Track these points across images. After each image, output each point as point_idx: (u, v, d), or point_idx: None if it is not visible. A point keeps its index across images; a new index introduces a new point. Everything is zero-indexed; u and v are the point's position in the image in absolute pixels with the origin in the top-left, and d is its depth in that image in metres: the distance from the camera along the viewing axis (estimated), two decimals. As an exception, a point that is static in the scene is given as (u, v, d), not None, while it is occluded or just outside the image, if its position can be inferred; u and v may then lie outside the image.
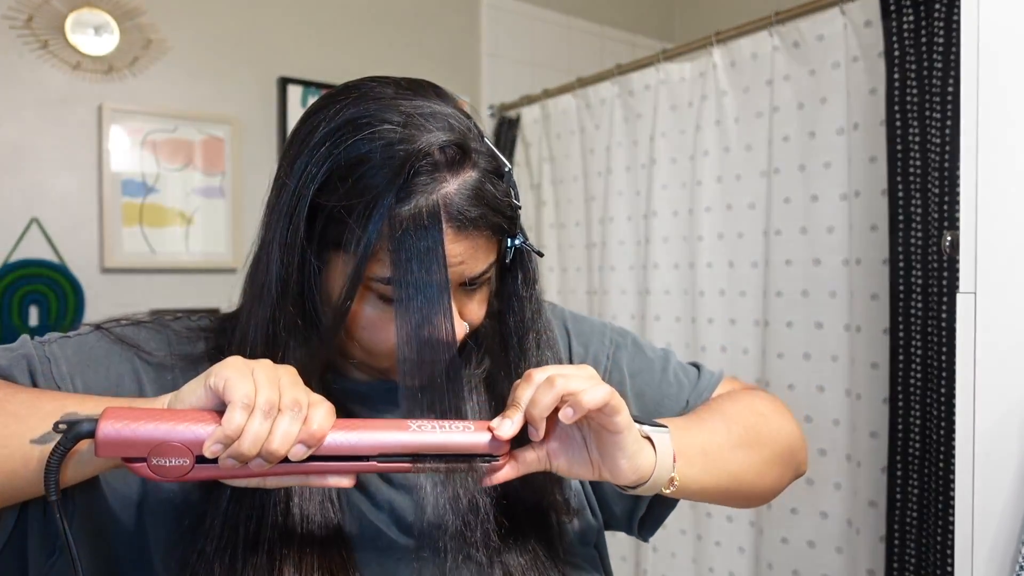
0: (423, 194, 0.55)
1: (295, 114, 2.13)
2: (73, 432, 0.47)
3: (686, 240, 1.97)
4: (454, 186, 0.56)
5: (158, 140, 1.93)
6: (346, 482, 0.53)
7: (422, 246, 0.54)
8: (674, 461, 0.61)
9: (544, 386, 0.55)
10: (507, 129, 2.51)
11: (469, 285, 0.61)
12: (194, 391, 0.50)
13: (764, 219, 1.78)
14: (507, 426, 0.54)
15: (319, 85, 2.16)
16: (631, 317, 2.12)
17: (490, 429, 0.55)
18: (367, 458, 0.53)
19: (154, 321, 0.69)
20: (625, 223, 2.14)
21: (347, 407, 0.65)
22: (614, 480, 0.59)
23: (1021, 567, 0.79)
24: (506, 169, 0.61)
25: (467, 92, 2.50)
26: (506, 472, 0.57)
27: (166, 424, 0.48)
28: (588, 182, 2.27)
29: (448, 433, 0.54)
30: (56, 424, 0.48)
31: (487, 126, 2.54)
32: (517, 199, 0.62)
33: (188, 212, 1.98)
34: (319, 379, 0.61)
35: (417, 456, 0.54)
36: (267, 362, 0.52)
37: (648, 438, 0.60)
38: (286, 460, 0.50)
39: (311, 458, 0.51)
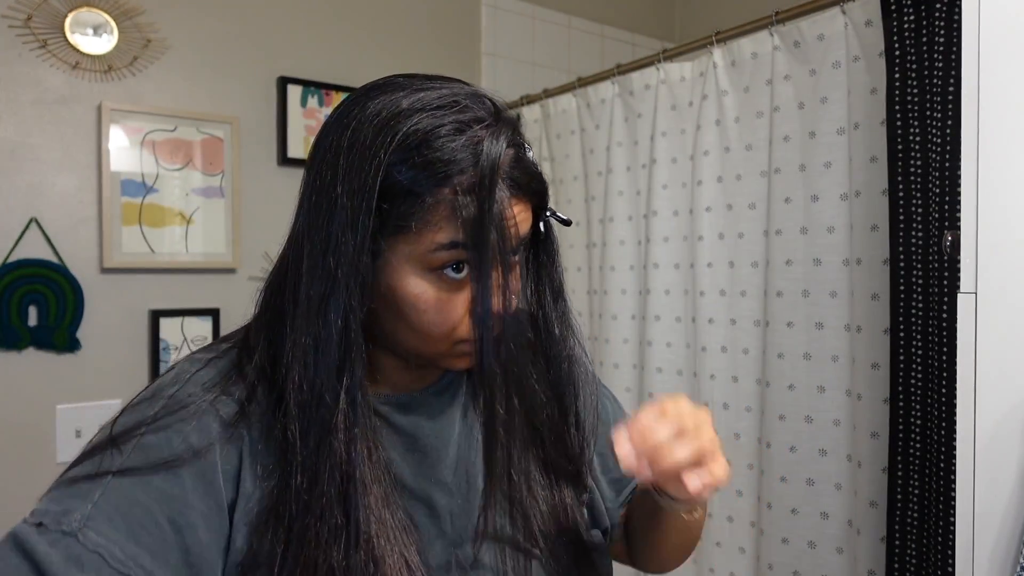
0: (481, 161, 0.58)
1: (295, 114, 2.12)
2: None
3: (686, 240, 1.97)
4: (506, 155, 0.60)
5: (157, 140, 1.93)
6: None
7: (487, 208, 0.57)
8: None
9: (692, 467, 0.59)
10: (507, 129, 2.51)
11: (513, 253, 0.63)
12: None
13: (764, 219, 1.78)
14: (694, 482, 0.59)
15: (319, 85, 2.16)
16: (631, 317, 2.12)
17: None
18: None
19: (169, 397, 0.61)
20: (625, 223, 2.13)
21: (392, 421, 0.68)
22: (673, 495, 0.63)
23: (1022, 567, 0.78)
24: (530, 147, 0.65)
25: (467, 92, 2.50)
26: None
27: None
28: (588, 182, 2.26)
29: None
30: None
31: (487, 126, 2.55)
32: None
33: (188, 212, 1.98)
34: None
35: None
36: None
37: None
38: None
39: None
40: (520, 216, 0.61)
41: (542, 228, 0.67)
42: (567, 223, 0.69)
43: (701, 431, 0.59)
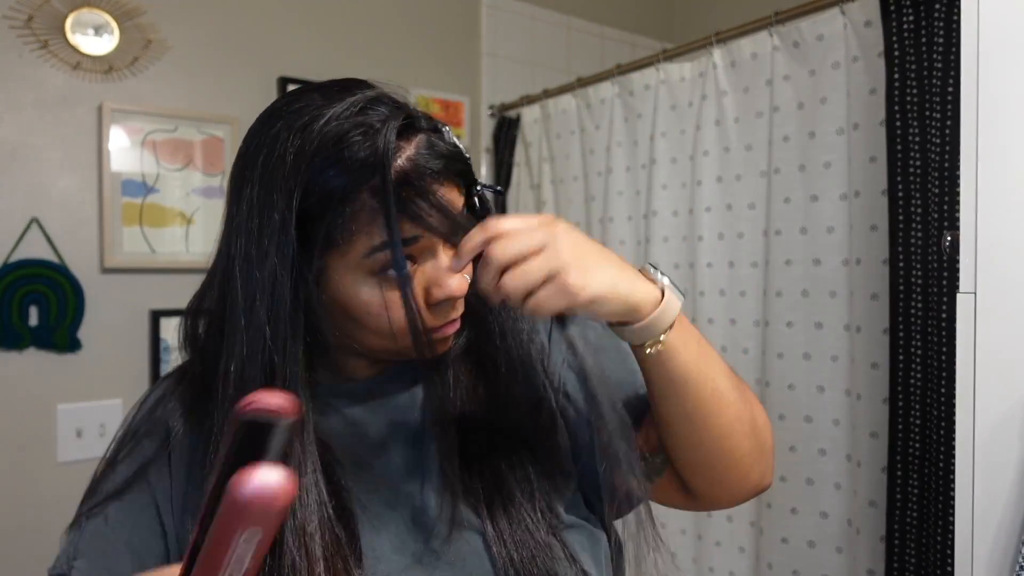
0: (390, 165, 0.58)
1: (295, 114, 2.12)
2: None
3: (686, 240, 1.97)
4: (411, 150, 0.60)
5: (158, 140, 1.94)
6: None
7: (404, 206, 0.58)
8: (669, 329, 0.61)
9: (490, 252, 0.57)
10: (507, 129, 2.51)
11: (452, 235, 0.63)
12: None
13: (764, 219, 1.78)
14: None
15: (319, 85, 2.16)
16: (631, 317, 2.12)
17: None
18: None
19: (123, 430, 0.72)
20: (625, 223, 2.14)
21: (345, 412, 0.67)
22: (600, 319, 0.60)
23: (1021, 567, 0.79)
24: (444, 127, 0.65)
25: (467, 92, 2.50)
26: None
27: None
28: (588, 182, 2.27)
29: None
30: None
31: (487, 126, 2.55)
32: (465, 150, 0.66)
33: (188, 212, 1.98)
34: (312, 389, 0.62)
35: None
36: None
37: (661, 288, 0.61)
38: None
39: None
40: (447, 198, 0.61)
41: (477, 204, 0.67)
42: (498, 192, 0.70)
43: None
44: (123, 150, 1.89)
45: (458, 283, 0.62)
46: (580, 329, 0.71)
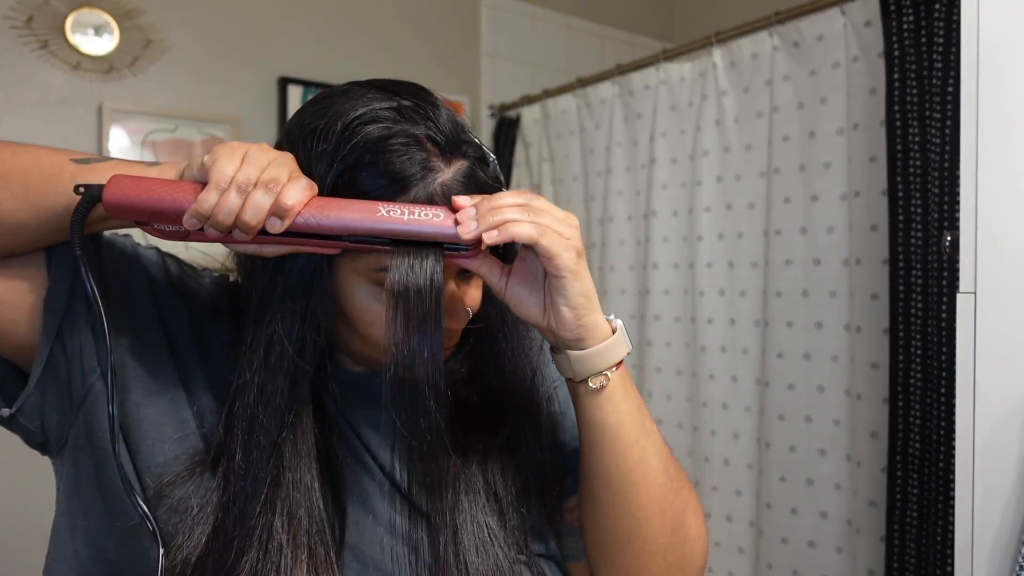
0: (421, 184, 0.57)
1: (295, 114, 2.13)
2: (88, 194, 0.54)
3: (686, 240, 1.97)
4: (449, 174, 0.58)
5: (158, 140, 1.94)
6: (332, 250, 0.57)
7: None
8: (616, 367, 0.61)
9: (517, 210, 0.55)
10: (507, 129, 2.51)
11: (466, 272, 0.63)
12: (195, 165, 0.55)
13: (764, 219, 1.78)
14: (471, 225, 0.55)
15: (319, 85, 2.16)
16: (631, 317, 2.12)
17: (456, 221, 0.55)
18: (341, 238, 0.55)
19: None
20: (625, 223, 2.14)
21: (340, 399, 0.66)
22: (556, 328, 0.59)
23: (1021, 567, 0.79)
24: (491, 159, 0.63)
25: (467, 92, 2.50)
26: (469, 263, 0.58)
27: (159, 196, 0.54)
28: (588, 182, 2.27)
29: (417, 219, 0.55)
30: (76, 187, 0.54)
31: (487, 126, 2.55)
32: (504, 187, 0.64)
33: (188, 212, 1.98)
34: (308, 367, 0.61)
35: (393, 240, 0.56)
36: (263, 145, 0.56)
37: (613, 328, 0.62)
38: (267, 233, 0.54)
39: (290, 234, 0.55)
40: None
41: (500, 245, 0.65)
42: None
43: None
44: (123, 150, 1.89)
45: (456, 317, 0.62)
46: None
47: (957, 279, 0.86)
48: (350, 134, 0.57)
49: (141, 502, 0.56)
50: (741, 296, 1.84)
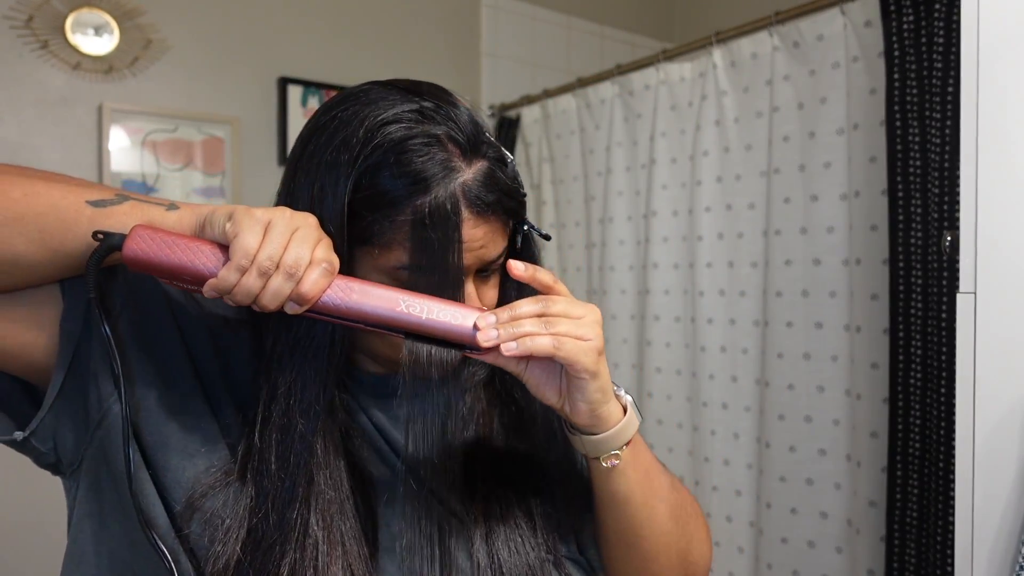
0: (442, 184, 0.57)
1: (295, 114, 2.13)
2: (106, 244, 0.53)
3: (686, 240, 1.97)
4: (470, 174, 0.59)
5: (158, 140, 1.94)
6: (348, 325, 0.57)
7: (440, 233, 0.57)
8: (627, 445, 0.63)
9: (536, 321, 0.57)
10: (507, 129, 2.51)
11: (483, 272, 0.63)
12: (217, 224, 0.53)
13: (764, 219, 1.78)
14: (491, 334, 0.56)
15: (319, 85, 2.16)
16: (631, 317, 2.13)
17: (476, 327, 0.56)
18: (358, 322, 0.56)
19: None
20: (625, 223, 2.14)
21: (361, 399, 0.67)
22: (571, 415, 0.61)
23: (1021, 567, 0.79)
24: (509, 159, 0.64)
25: (467, 92, 2.49)
26: (484, 357, 0.59)
27: (179, 261, 0.53)
28: (588, 182, 2.27)
29: (434, 319, 0.56)
30: (94, 233, 0.53)
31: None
32: (522, 187, 0.65)
33: (188, 212, 1.98)
34: (336, 372, 0.62)
35: (407, 333, 0.57)
36: (286, 212, 0.54)
37: (623, 406, 0.63)
38: None
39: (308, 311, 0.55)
40: (487, 238, 0.61)
41: (519, 242, 0.66)
42: (546, 238, 0.68)
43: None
44: (123, 150, 1.89)
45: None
46: None
47: (957, 279, 0.86)
48: (371, 136, 0.58)
49: (159, 542, 0.56)
50: (741, 296, 1.84)
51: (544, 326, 0.56)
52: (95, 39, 1.84)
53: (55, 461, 0.62)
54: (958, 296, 0.86)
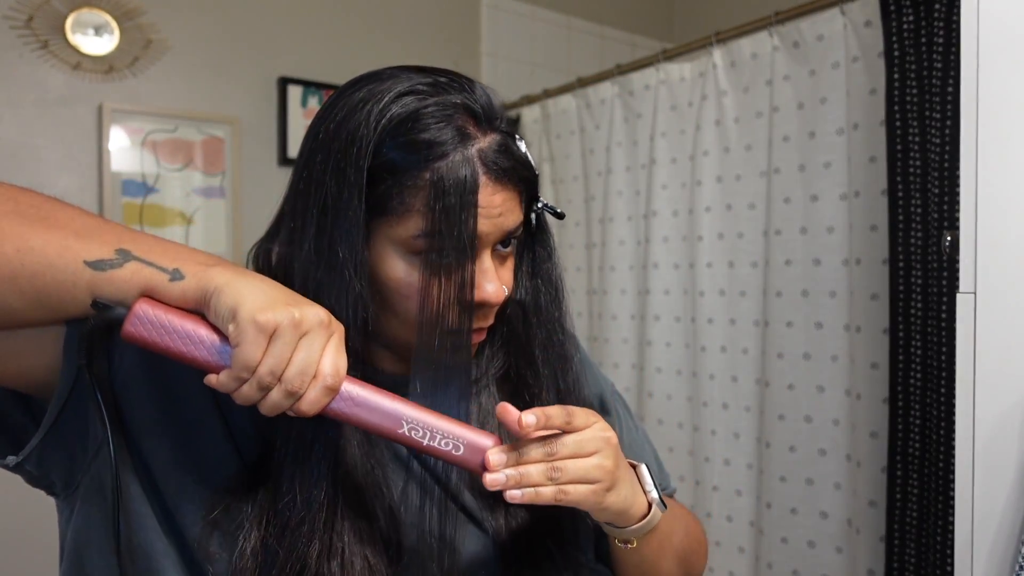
0: (459, 149, 0.58)
1: (295, 114, 2.13)
2: (105, 316, 0.51)
3: (686, 240, 1.97)
4: (486, 142, 0.60)
5: (158, 140, 1.94)
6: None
7: (458, 196, 0.57)
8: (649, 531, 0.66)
9: (548, 470, 0.57)
10: (507, 129, 2.51)
11: (502, 246, 0.63)
12: (221, 315, 0.50)
13: (764, 219, 1.78)
14: (498, 479, 0.56)
15: (319, 85, 2.16)
16: (631, 317, 2.13)
17: (485, 466, 0.56)
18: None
19: None
20: (625, 223, 2.14)
21: None
22: (592, 515, 0.63)
23: (1021, 567, 0.79)
24: (519, 138, 0.64)
25: (467, 92, 2.50)
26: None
27: (179, 350, 0.51)
28: (588, 182, 2.27)
29: (436, 448, 0.56)
30: (93, 302, 0.51)
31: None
32: (536, 167, 0.65)
33: (188, 212, 1.98)
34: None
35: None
36: (294, 316, 0.50)
37: (649, 502, 0.65)
38: None
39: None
40: (505, 206, 0.60)
41: (534, 221, 0.66)
42: (560, 216, 0.68)
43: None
44: (123, 150, 1.89)
45: (495, 290, 0.61)
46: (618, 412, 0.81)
47: (957, 279, 0.86)
48: (388, 107, 0.58)
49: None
50: (741, 296, 1.84)
51: (549, 474, 0.56)
52: (95, 39, 1.85)
53: (49, 484, 0.61)
54: (958, 296, 0.86)
